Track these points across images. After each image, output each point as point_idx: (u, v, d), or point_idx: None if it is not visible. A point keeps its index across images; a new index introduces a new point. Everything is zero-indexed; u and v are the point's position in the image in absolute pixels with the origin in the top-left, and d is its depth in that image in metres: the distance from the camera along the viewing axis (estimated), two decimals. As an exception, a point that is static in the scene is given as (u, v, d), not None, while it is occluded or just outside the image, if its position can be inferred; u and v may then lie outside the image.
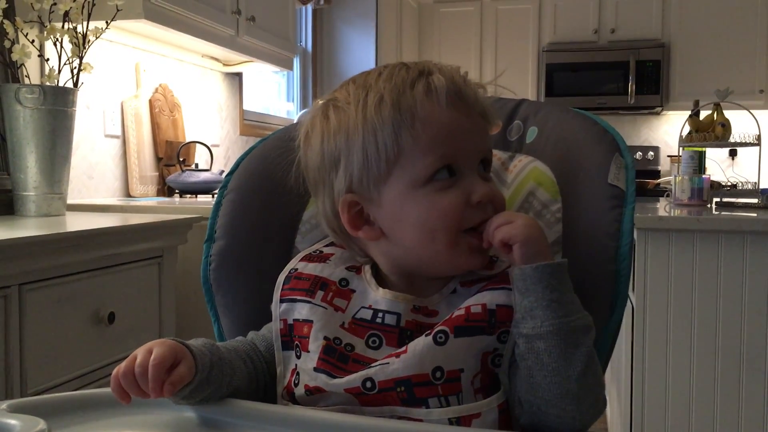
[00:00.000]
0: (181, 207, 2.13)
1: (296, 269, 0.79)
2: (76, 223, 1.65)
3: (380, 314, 0.73)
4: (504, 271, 0.74)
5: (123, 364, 0.66)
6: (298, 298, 0.76)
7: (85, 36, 1.85)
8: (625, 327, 2.03)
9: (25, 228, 1.53)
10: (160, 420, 0.69)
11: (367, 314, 0.73)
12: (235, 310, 0.87)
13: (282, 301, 0.77)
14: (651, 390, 1.95)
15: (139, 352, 0.66)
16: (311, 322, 0.74)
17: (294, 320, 0.75)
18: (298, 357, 0.74)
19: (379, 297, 0.74)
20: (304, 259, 0.80)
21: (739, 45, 4.69)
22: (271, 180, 0.89)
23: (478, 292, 0.72)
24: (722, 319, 1.89)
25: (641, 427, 1.95)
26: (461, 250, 0.72)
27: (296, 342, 0.75)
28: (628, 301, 0.82)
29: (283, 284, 0.78)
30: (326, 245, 0.83)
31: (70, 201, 1.92)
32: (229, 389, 0.71)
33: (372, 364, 0.69)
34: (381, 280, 0.77)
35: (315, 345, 0.72)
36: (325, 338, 0.72)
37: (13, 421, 0.58)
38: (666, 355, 1.93)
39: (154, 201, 2.40)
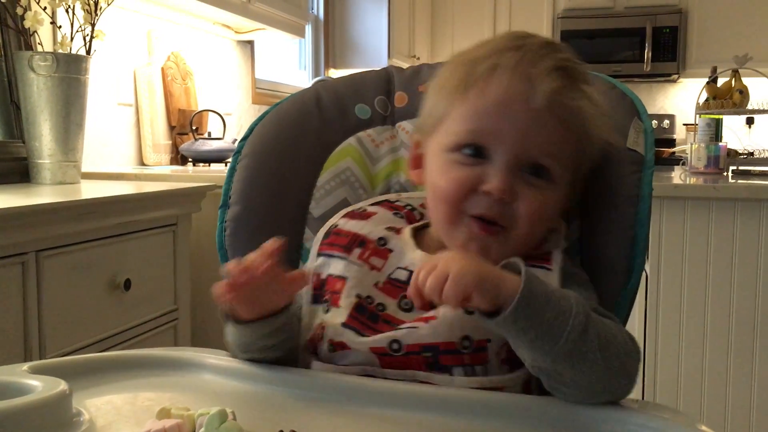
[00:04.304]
0: (194, 175, 2.13)
1: (336, 225, 0.79)
2: (91, 190, 1.65)
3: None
4: (548, 251, 0.72)
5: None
6: (335, 254, 0.76)
7: (96, 3, 1.84)
8: (639, 295, 2.02)
9: (41, 195, 1.54)
10: (180, 382, 0.70)
11: (402, 275, 0.73)
12: None
13: (319, 255, 0.77)
14: (664, 358, 1.95)
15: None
16: (345, 278, 0.73)
17: (328, 275, 0.75)
18: (326, 312, 0.74)
19: (416, 258, 0.73)
20: (346, 215, 0.80)
21: (758, 10, 4.59)
22: (285, 145, 0.89)
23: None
24: (736, 288, 1.88)
25: (653, 395, 1.96)
26: (460, 232, 0.71)
27: (326, 297, 0.74)
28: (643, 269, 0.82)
29: (323, 239, 0.78)
30: (371, 204, 0.82)
31: (84, 169, 1.92)
32: (290, 345, 0.72)
33: (400, 326, 0.69)
34: (420, 242, 0.76)
35: (347, 302, 0.72)
36: (357, 296, 0.72)
37: (34, 382, 0.58)
38: (679, 323, 1.93)
39: (167, 169, 2.40)
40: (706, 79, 2.77)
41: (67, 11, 1.82)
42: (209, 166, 2.56)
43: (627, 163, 0.78)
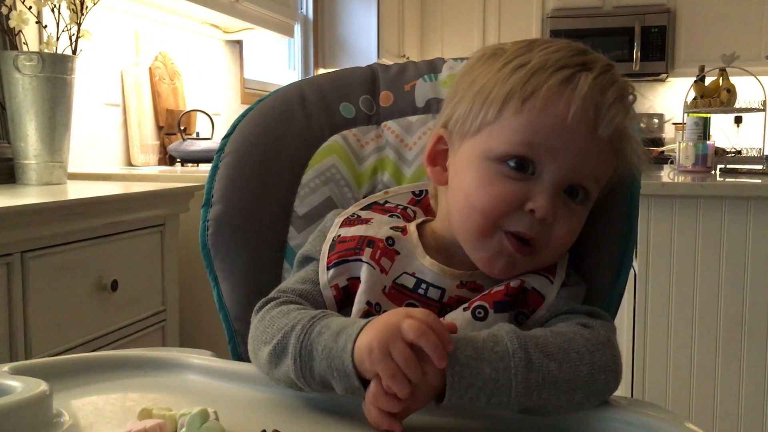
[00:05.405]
0: (182, 175, 2.12)
1: (339, 235, 0.74)
2: (78, 191, 1.64)
3: (423, 285, 0.70)
4: (554, 263, 0.71)
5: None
6: (349, 258, 0.71)
7: (83, 2, 1.83)
8: (628, 294, 2.03)
9: (27, 196, 1.53)
10: (163, 382, 0.69)
11: (409, 281, 0.70)
12: (235, 274, 0.85)
13: (329, 267, 0.72)
14: (652, 357, 1.95)
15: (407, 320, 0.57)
16: (360, 280, 0.70)
17: (347, 279, 0.72)
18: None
19: (425, 266, 0.71)
20: (344, 224, 0.76)
21: (746, 10, 4.62)
22: (268, 142, 0.87)
23: (522, 274, 0.70)
24: (724, 286, 1.89)
25: (642, 392, 1.96)
26: (490, 245, 0.68)
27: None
28: (631, 267, 0.82)
29: (329, 252, 0.73)
30: (361, 208, 0.79)
31: (71, 170, 1.91)
32: None
33: None
34: (426, 246, 0.73)
35: (357, 307, 0.69)
36: (368, 303, 0.69)
37: (14, 383, 0.58)
38: (668, 321, 1.94)
39: (155, 170, 2.39)
40: (694, 78, 2.78)
41: (52, 11, 1.81)
42: (197, 166, 2.55)
43: None
